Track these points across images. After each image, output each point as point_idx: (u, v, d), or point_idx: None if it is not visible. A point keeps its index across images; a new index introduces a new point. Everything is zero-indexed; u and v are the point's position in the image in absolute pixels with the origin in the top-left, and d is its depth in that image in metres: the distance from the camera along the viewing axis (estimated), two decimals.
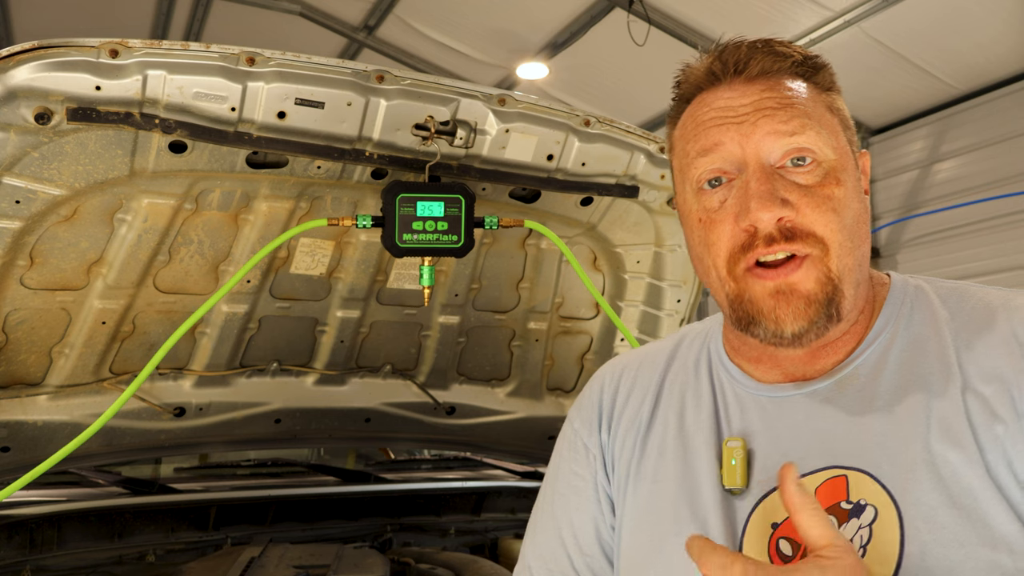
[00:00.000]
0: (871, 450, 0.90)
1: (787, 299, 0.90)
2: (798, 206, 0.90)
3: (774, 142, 0.92)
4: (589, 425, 1.15)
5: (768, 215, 0.89)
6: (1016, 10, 5.23)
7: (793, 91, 0.95)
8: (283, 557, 2.08)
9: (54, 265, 1.78)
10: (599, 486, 1.11)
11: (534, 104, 1.82)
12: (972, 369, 0.89)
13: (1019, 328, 0.90)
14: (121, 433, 2.10)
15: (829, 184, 0.91)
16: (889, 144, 6.94)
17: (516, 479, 2.99)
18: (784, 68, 0.97)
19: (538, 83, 7.15)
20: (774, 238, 0.90)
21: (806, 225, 0.90)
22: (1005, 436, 0.84)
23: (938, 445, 0.86)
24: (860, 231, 0.94)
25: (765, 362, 1.01)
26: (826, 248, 0.90)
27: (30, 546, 2.13)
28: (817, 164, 0.92)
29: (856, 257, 0.93)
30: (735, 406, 1.01)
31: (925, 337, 0.94)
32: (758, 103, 0.93)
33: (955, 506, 0.84)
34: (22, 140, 1.53)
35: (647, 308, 2.35)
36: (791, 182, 0.91)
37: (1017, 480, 0.83)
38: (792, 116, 0.92)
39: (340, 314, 2.19)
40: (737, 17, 5.82)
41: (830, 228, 0.90)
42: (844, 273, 0.91)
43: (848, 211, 0.92)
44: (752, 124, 0.92)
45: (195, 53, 1.53)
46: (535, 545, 1.15)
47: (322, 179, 1.85)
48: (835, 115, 0.97)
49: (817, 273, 0.90)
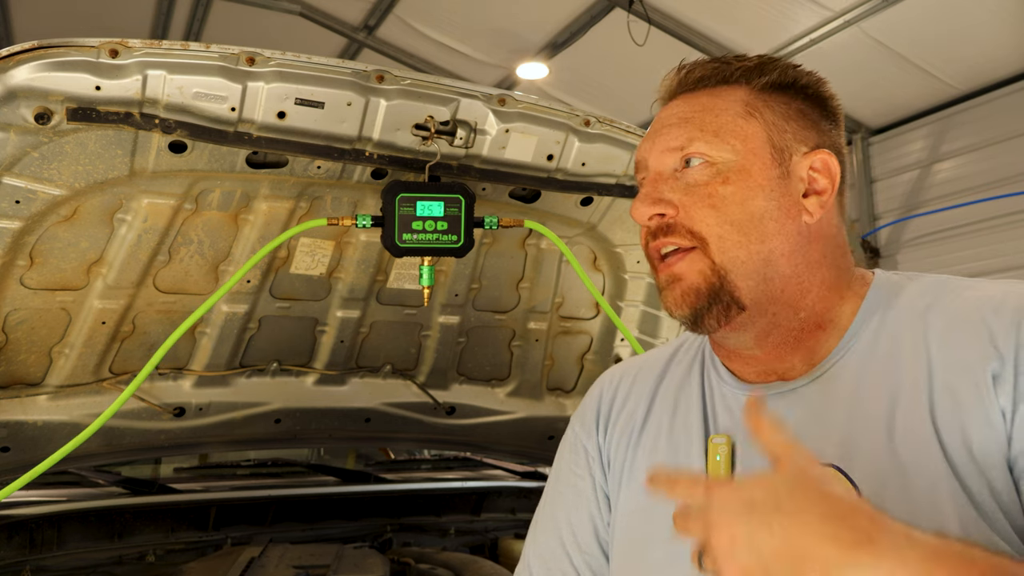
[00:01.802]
0: (841, 446, 0.92)
1: (672, 287, 1.00)
2: (681, 204, 0.99)
3: (665, 156, 1.02)
4: (588, 428, 1.19)
5: (640, 213, 1.00)
6: (1016, 10, 5.23)
7: (702, 103, 1.02)
8: (283, 557, 2.08)
9: (54, 265, 1.78)
10: (597, 486, 1.15)
11: (534, 104, 1.82)
12: (940, 358, 0.91)
13: (989, 317, 0.90)
14: (121, 433, 2.10)
15: (714, 183, 0.98)
16: (889, 144, 6.94)
17: (516, 479, 2.99)
18: (718, 75, 1.03)
19: (538, 83, 7.15)
20: (655, 233, 1.00)
21: (684, 221, 0.98)
22: (966, 421, 0.86)
23: (900, 431, 0.89)
24: (764, 227, 0.97)
25: (735, 360, 1.06)
26: (705, 242, 0.97)
27: (30, 546, 2.13)
28: (709, 165, 0.99)
29: (751, 251, 0.97)
30: (722, 404, 1.05)
31: (901, 332, 0.96)
32: (666, 118, 1.04)
33: (912, 492, 0.86)
34: (22, 140, 1.53)
35: (647, 308, 2.35)
36: (682, 183, 0.99)
37: (976, 465, 0.85)
38: (681, 132, 1.00)
39: (340, 314, 2.19)
40: (737, 17, 5.82)
41: (707, 223, 0.97)
42: (731, 265, 0.96)
43: (736, 208, 0.97)
44: (652, 141, 1.04)
45: (195, 53, 1.53)
46: (535, 544, 1.18)
47: (322, 179, 1.85)
48: (757, 116, 1.00)
49: (700, 265, 0.98)
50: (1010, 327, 0.88)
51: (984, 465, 0.85)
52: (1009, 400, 0.85)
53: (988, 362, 0.87)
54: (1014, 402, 0.85)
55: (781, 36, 5.92)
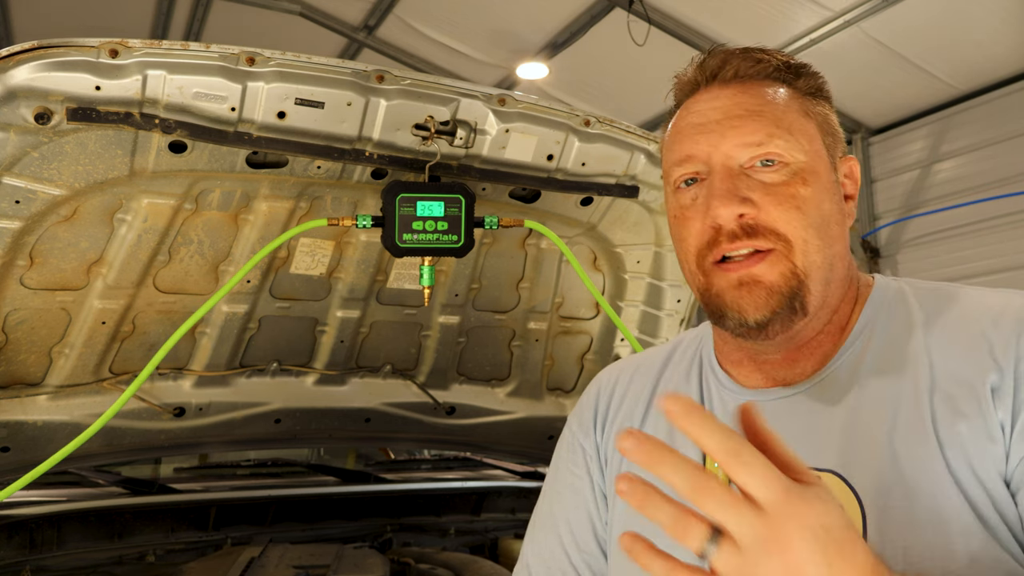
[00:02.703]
0: (841, 453, 0.91)
1: (749, 289, 0.93)
2: (761, 204, 0.93)
3: (741, 151, 0.95)
4: (585, 427, 1.18)
5: (728, 212, 0.92)
6: (1016, 10, 5.22)
7: (765, 96, 0.97)
8: (283, 557, 2.08)
9: (54, 265, 1.78)
10: (595, 485, 1.15)
11: (534, 104, 1.82)
12: (941, 369, 0.90)
13: (989, 329, 0.90)
14: (121, 433, 2.10)
15: (795, 184, 0.93)
16: (889, 144, 6.94)
17: (516, 479, 2.99)
18: (760, 72, 0.99)
19: (538, 83, 7.15)
20: (736, 235, 0.93)
21: (768, 222, 0.93)
22: (967, 435, 0.85)
23: (903, 443, 0.88)
24: (831, 231, 0.96)
25: (746, 365, 1.03)
26: (789, 244, 0.93)
27: (30, 546, 2.13)
28: (784, 165, 0.94)
29: (825, 255, 0.94)
30: (720, 410, 1.04)
31: (900, 340, 0.95)
32: (728, 108, 0.96)
33: (916, 505, 0.85)
34: (22, 140, 1.53)
35: (647, 308, 2.35)
36: (757, 181, 0.94)
37: (978, 479, 0.84)
38: (759, 127, 0.94)
39: (340, 314, 2.19)
40: (737, 17, 5.81)
41: (792, 225, 0.92)
42: (810, 269, 0.93)
43: (815, 210, 0.94)
44: (720, 135, 0.95)
45: (195, 53, 1.53)
46: (534, 544, 1.18)
47: (322, 179, 1.85)
48: (811, 119, 0.98)
49: (781, 267, 0.93)
50: (1010, 339, 0.88)
51: (986, 479, 0.84)
52: (1008, 413, 0.84)
53: (987, 375, 0.87)
54: (1013, 415, 0.84)
55: (781, 36, 5.92)
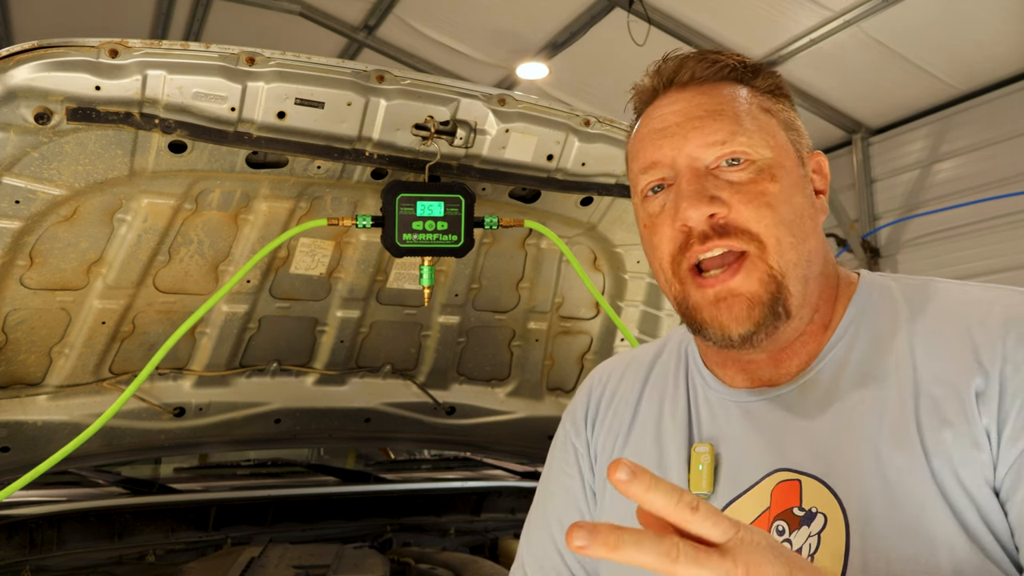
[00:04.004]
0: (824, 456, 0.90)
1: (728, 305, 0.91)
2: (730, 203, 0.91)
3: (706, 151, 0.93)
4: (577, 425, 1.18)
5: (697, 213, 0.90)
6: (1016, 10, 5.23)
7: (724, 96, 0.96)
8: (283, 557, 2.08)
9: (54, 265, 1.78)
10: (587, 484, 1.14)
11: (534, 104, 1.82)
12: (926, 372, 0.88)
13: (975, 327, 0.88)
14: (121, 433, 2.10)
15: (763, 180, 0.92)
16: (889, 144, 6.95)
17: (516, 479, 2.99)
18: (717, 73, 0.98)
19: (538, 83, 7.15)
20: (708, 235, 0.91)
21: (740, 221, 0.91)
22: (952, 442, 0.83)
23: (887, 451, 0.86)
24: (804, 227, 0.94)
25: (730, 367, 1.02)
26: (762, 245, 0.91)
27: (30, 546, 2.13)
28: (751, 162, 0.93)
29: (800, 252, 0.93)
30: (706, 411, 1.03)
31: (885, 339, 0.93)
32: (688, 110, 0.95)
33: (900, 514, 0.83)
34: (22, 140, 1.53)
35: (647, 308, 2.35)
36: (724, 181, 0.92)
37: (963, 487, 0.82)
38: (721, 126, 0.93)
39: (340, 314, 2.19)
40: (737, 17, 5.82)
41: (764, 223, 0.91)
42: (787, 268, 0.91)
43: (785, 206, 0.92)
44: (683, 137, 0.94)
45: (195, 53, 1.53)
46: (529, 543, 1.18)
47: (322, 179, 1.85)
48: (773, 116, 0.98)
49: (759, 273, 0.91)
50: (995, 341, 0.85)
51: (971, 487, 0.82)
52: (993, 420, 0.82)
53: (972, 378, 0.84)
54: (998, 423, 0.82)
55: (781, 36, 5.92)
